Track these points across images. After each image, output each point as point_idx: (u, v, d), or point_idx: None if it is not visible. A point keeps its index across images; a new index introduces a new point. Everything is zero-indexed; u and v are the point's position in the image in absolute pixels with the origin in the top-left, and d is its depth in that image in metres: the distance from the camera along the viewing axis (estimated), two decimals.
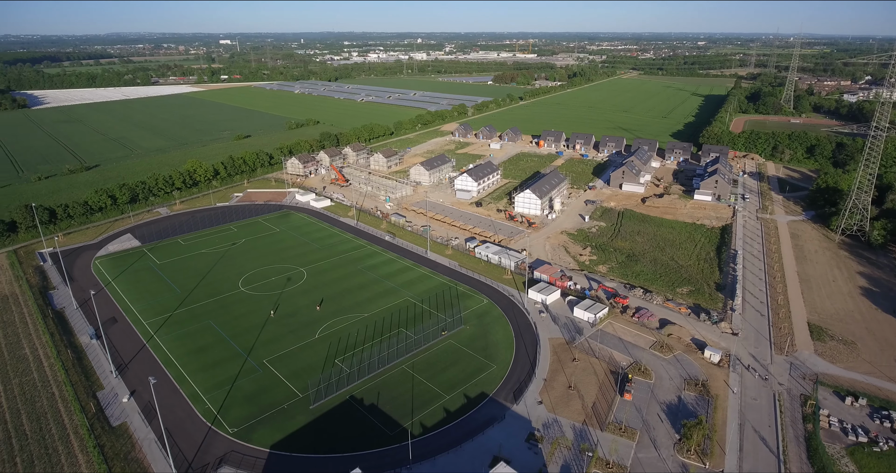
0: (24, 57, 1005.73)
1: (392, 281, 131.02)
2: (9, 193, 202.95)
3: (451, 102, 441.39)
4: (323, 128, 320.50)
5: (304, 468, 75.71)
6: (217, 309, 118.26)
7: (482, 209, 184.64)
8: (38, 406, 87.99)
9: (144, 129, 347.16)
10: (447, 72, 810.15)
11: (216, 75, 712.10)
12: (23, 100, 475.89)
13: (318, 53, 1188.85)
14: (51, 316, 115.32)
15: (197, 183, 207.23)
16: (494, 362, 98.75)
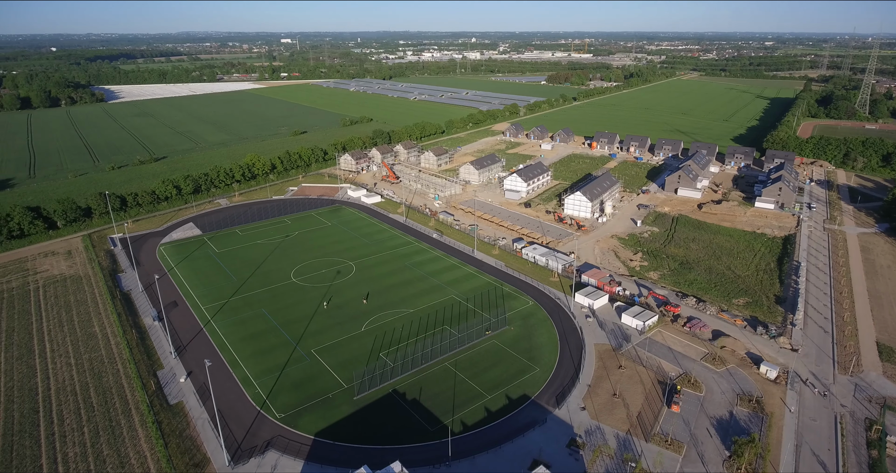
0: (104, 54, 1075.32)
1: (438, 278, 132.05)
2: (86, 181, 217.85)
3: (503, 102, 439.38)
4: (376, 126, 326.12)
5: (347, 456, 77.58)
6: (269, 298, 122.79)
7: (531, 210, 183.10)
8: (105, 381, 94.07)
9: (209, 124, 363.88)
10: (500, 71, 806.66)
11: (276, 73, 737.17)
12: (101, 95, 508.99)
13: (373, 52, 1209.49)
14: (118, 297, 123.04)
15: (255, 176, 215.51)
16: (538, 364, 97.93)
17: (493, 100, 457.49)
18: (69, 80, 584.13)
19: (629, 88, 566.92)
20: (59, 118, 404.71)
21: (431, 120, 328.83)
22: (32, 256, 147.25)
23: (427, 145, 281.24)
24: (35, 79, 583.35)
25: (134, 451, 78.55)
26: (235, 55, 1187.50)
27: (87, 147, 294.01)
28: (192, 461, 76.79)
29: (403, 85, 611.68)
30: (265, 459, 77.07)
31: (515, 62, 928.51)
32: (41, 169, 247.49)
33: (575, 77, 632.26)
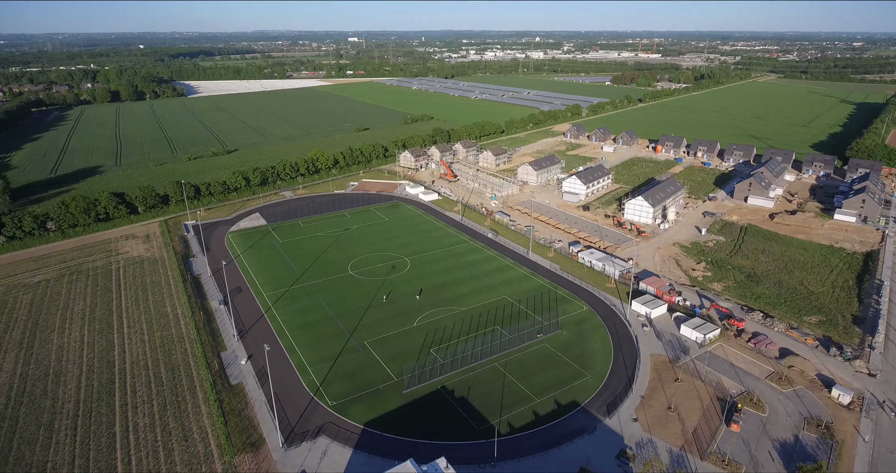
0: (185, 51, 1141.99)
1: (491, 278, 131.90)
2: (165, 171, 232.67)
3: (564, 102, 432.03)
4: (436, 124, 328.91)
5: (394, 448, 79.10)
6: (327, 288, 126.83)
7: (589, 213, 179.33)
8: (174, 359, 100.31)
9: (277, 119, 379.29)
10: (563, 71, 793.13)
11: (343, 70, 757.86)
12: (181, 90, 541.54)
13: (436, 51, 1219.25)
14: (189, 280, 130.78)
15: (318, 170, 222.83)
16: (589, 371, 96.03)
17: (555, 101, 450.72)
18: (154, 76, 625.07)
19: (699, 90, 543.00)
20: (143, 111, 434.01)
21: (491, 119, 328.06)
22: (115, 238, 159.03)
23: (486, 144, 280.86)
24: (124, 75, 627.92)
25: (197, 426, 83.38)
26: (305, 53, 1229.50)
27: (167, 138, 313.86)
28: (249, 440, 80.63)
29: (465, 84, 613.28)
30: (316, 444, 79.82)
31: (579, 62, 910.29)
32: (126, 157, 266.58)
33: (641, 78, 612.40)
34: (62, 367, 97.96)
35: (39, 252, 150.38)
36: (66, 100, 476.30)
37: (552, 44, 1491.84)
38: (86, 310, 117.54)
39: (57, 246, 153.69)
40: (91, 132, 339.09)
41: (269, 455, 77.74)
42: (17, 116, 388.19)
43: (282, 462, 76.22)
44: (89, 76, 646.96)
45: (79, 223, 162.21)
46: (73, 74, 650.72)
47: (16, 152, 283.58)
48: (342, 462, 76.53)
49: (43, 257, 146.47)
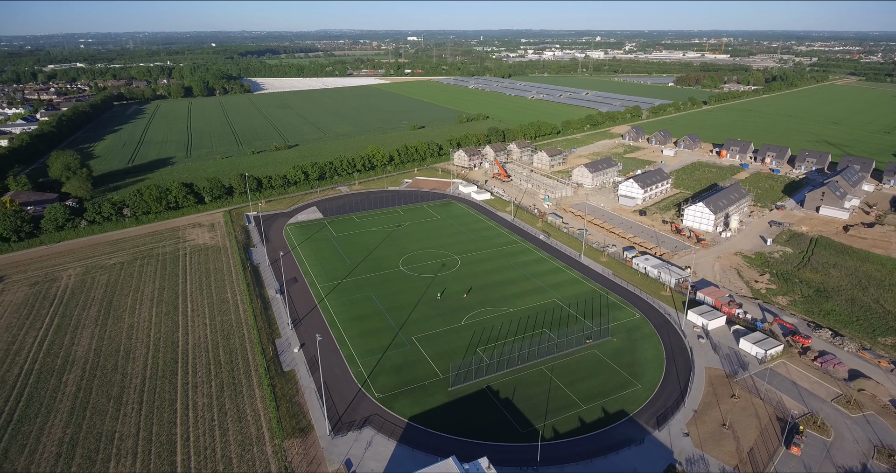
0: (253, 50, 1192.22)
1: (541, 280, 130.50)
2: (230, 163, 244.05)
3: (624, 104, 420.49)
4: (491, 124, 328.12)
5: (437, 444, 79.77)
6: (378, 283, 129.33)
7: (646, 218, 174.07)
8: (232, 343, 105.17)
9: (337, 116, 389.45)
10: (624, 71, 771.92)
11: (401, 69, 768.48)
12: (248, 86, 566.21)
13: (494, 50, 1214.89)
14: (249, 269, 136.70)
15: (374, 167, 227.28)
16: (640, 381, 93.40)
17: (614, 102, 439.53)
18: (223, 73, 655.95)
19: (770, 93, 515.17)
20: (213, 106, 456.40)
21: (547, 119, 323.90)
22: (183, 226, 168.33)
23: (541, 145, 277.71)
24: (197, 72, 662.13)
25: (250, 409, 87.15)
26: (365, 52, 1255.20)
27: (233, 133, 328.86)
28: (298, 425, 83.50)
29: (522, 83, 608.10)
30: (362, 434, 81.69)
31: (641, 62, 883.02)
32: (196, 150, 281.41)
33: (707, 79, 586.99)
34: (132, 345, 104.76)
35: (116, 236, 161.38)
36: (145, 94, 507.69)
37: (613, 43, 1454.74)
38: (154, 293, 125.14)
39: (131, 232, 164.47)
40: (165, 125, 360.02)
41: (316, 441, 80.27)
42: (101, 109, 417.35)
43: (328, 450, 78.51)
44: (166, 72, 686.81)
45: (151, 210, 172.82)
46: (152, 71, 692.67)
47: (98, 142, 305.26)
48: (386, 454, 77.98)
49: (119, 241, 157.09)
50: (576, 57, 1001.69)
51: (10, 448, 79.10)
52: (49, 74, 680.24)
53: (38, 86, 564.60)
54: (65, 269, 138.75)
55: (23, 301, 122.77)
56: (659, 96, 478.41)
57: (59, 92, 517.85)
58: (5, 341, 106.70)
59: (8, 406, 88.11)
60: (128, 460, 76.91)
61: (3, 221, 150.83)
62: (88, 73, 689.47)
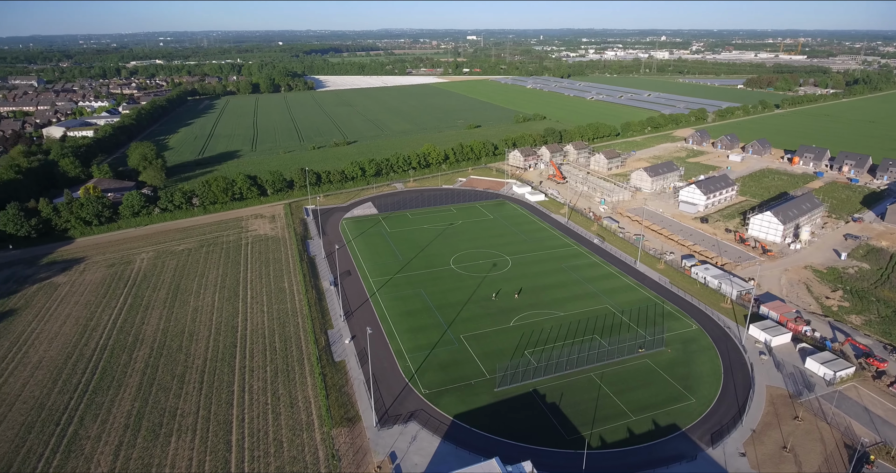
0: (317, 48, 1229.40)
1: (594, 285, 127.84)
2: (292, 158, 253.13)
3: (688, 106, 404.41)
4: (548, 124, 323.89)
5: (480, 444, 79.77)
6: (429, 280, 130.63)
7: (707, 226, 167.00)
8: (287, 331, 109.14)
9: (395, 113, 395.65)
10: (690, 72, 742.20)
11: (459, 68, 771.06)
12: (311, 84, 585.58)
13: (554, 50, 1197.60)
14: (305, 260, 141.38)
15: (429, 165, 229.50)
16: (694, 395, 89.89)
17: (678, 104, 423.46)
18: (289, 70, 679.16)
19: (850, 97, 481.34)
20: (278, 102, 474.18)
21: (606, 121, 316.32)
22: (246, 217, 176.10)
23: (599, 147, 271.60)
24: (264, 69, 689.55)
25: (302, 395, 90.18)
26: (425, 51, 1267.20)
27: (296, 128, 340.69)
28: (346, 415, 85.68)
29: (581, 83, 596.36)
30: (407, 428, 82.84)
31: (709, 63, 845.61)
32: (261, 144, 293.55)
33: (781, 81, 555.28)
34: (195, 327, 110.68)
35: (185, 223, 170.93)
36: (216, 90, 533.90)
37: (679, 43, 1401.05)
38: (218, 279, 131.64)
39: (199, 220, 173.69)
40: (233, 120, 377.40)
41: (363, 432, 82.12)
42: (176, 103, 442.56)
43: (374, 441, 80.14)
44: (235, 70, 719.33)
45: (218, 200, 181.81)
46: (223, 68, 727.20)
47: (173, 135, 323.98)
48: (430, 449, 78.76)
49: (187, 228, 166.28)
50: (639, 57, 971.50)
51: (86, 416, 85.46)
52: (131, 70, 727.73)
53: (122, 81, 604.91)
54: (138, 253, 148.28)
55: (101, 280, 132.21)
56: (727, 98, 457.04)
57: (139, 87, 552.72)
58: (85, 317, 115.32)
59: (84, 377, 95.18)
60: (188, 436, 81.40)
61: (87, 206, 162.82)
62: (166, 70, 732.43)
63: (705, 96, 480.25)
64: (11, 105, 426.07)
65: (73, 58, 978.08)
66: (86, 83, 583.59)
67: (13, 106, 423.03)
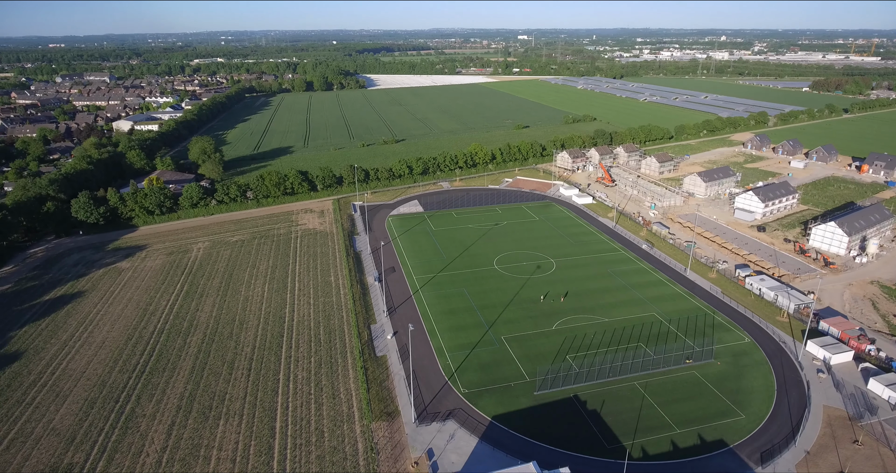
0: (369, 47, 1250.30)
1: (641, 292, 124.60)
2: (342, 155, 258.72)
3: (748, 109, 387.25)
4: (598, 125, 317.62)
5: (518, 447, 79.25)
6: (472, 279, 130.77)
7: (765, 235, 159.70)
8: (331, 323, 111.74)
9: (443, 113, 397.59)
10: (751, 74, 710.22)
11: (509, 68, 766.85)
12: (363, 82, 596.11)
13: (607, 50, 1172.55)
14: (351, 255, 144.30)
15: (476, 164, 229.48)
16: (744, 411, 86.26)
17: (737, 107, 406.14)
18: (341, 69, 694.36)
19: None
20: (330, 100, 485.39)
21: (659, 123, 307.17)
22: (296, 211, 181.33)
23: (650, 150, 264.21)
24: (318, 68, 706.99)
25: (343, 387, 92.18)
26: (475, 50, 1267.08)
27: (346, 126, 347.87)
28: (386, 409, 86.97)
29: (634, 85, 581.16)
30: (445, 426, 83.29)
31: (772, 64, 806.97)
32: (313, 140, 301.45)
33: (850, 84, 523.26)
34: (245, 316, 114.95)
35: (239, 216, 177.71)
36: (272, 88, 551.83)
37: (740, 43, 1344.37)
38: (268, 270, 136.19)
39: (252, 213, 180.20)
40: (287, 117, 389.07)
41: (401, 427, 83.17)
42: (235, 100, 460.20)
43: (412, 436, 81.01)
44: (291, 68, 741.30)
45: (270, 194, 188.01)
46: (279, 66, 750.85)
47: (230, 130, 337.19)
48: (467, 449, 78.94)
49: (241, 220, 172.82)
50: (696, 58, 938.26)
51: (142, 396, 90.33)
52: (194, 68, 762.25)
53: (185, 78, 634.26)
54: (195, 242, 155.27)
55: (160, 267, 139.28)
56: (790, 102, 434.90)
57: (201, 84, 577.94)
58: (145, 301, 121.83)
59: (142, 358, 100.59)
60: (235, 420, 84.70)
61: (150, 196, 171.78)
62: (226, 68, 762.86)
63: (767, 99, 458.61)
64: (86, 99, 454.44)
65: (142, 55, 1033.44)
66: (153, 80, 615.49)
67: (87, 100, 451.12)
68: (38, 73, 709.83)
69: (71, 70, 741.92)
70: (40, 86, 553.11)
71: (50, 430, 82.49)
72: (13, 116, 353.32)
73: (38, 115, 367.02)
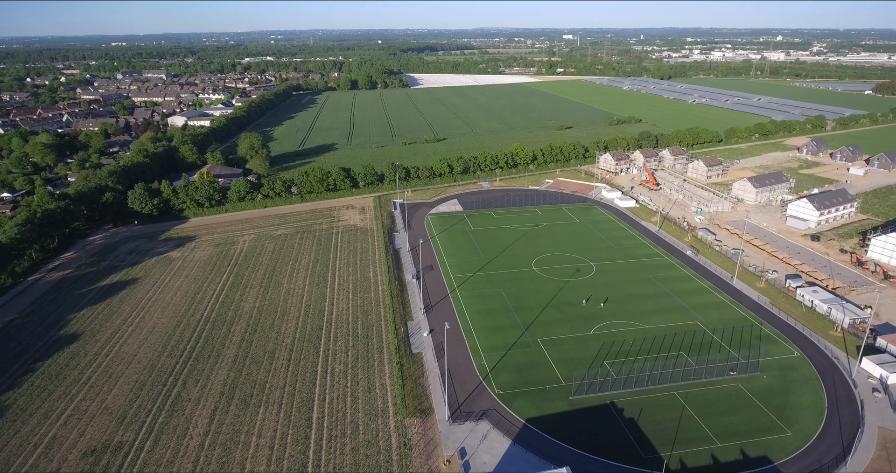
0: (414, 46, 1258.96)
1: (684, 299, 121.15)
2: (384, 152, 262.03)
3: (804, 112, 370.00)
4: (643, 127, 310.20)
5: (551, 451, 78.49)
6: (509, 280, 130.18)
7: (819, 244, 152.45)
8: (369, 319, 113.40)
9: (485, 112, 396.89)
10: (809, 76, 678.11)
11: (553, 68, 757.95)
12: (406, 81, 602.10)
13: (655, 50, 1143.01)
14: (391, 252, 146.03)
15: (516, 165, 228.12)
16: (790, 428, 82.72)
17: (792, 110, 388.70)
18: (386, 68, 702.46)
19: None
20: (374, 98, 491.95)
21: (708, 126, 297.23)
22: (338, 207, 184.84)
23: (698, 153, 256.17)
24: (363, 67, 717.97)
25: (379, 382, 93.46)
26: (519, 50, 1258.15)
27: (389, 124, 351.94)
28: (420, 406, 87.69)
29: (683, 86, 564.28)
30: (478, 426, 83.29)
31: (832, 65, 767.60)
32: (356, 138, 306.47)
33: None
34: (287, 308, 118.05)
35: (283, 210, 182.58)
36: (318, 86, 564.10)
37: (797, 43, 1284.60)
38: (309, 264, 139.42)
39: (296, 208, 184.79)
40: (332, 115, 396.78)
41: (435, 424, 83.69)
42: (282, 98, 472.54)
43: (445, 435, 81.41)
44: (337, 66, 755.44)
45: (314, 190, 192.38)
46: (325, 65, 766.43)
47: (277, 127, 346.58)
48: (500, 450, 78.73)
49: (285, 215, 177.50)
50: (749, 58, 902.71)
51: (188, 380, 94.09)
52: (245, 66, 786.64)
53: (236, 76, 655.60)
54: (241, 235, 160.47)
55: (208, 258, 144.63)
56: (851, 105, 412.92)
57: (251, 82, 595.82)
58: (193, 290, 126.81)
59: (189, 344, 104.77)
60: (274, 409, 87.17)
61: (201, 189, 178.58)
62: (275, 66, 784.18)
63: (825, 102, 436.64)
64: (144, 95, 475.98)
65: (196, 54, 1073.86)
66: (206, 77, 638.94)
67: (145, 96, 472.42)
68: (101, 71, 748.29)
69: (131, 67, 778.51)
70: (103, 83, 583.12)
71: (103, 409, 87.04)
72: (78, 111, 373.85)
73: (99, 110, 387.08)
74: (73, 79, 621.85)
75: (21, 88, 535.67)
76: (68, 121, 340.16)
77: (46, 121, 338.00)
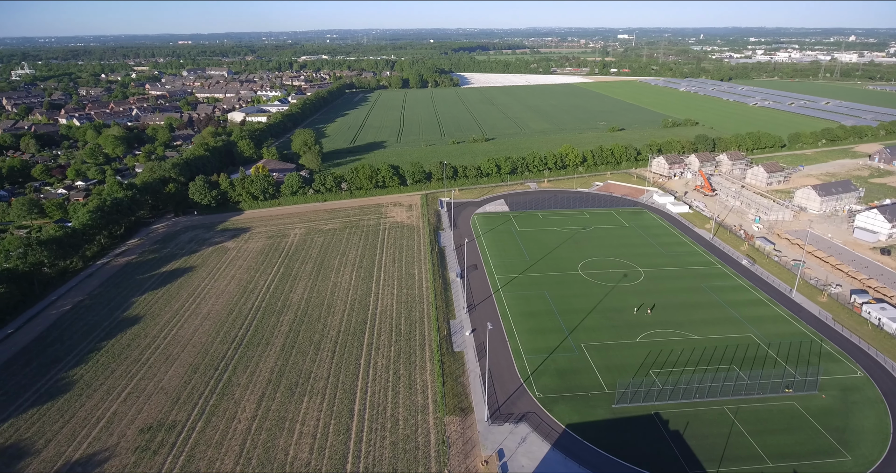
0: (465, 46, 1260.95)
1: (737, 311, 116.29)
2: (432, 151, 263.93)
3: (877, 117, 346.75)
4: (700, 131, 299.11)
5: (591, 458, 77.10)
6: (554, 283, 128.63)
7: (889, 259, 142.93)
8: (413, 315, 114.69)
9: (535, 112, 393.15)
10: (884, 78, 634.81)
11: (606, 68, 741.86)
12: (456, 80, 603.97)
13: (715, 50, 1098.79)
14: (436, 250, 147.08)
15: (565, 166, 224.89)
16: (850, 452, 78.09)
17: (864, 115, 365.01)
18: (437, 67, 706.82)
19: None
20: (424, 97, 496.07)
21: (771, 130, 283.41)
22: (386, 203, 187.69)
23: (759, 159, 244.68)
24: (414, 65, 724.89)
25: (420, 379, 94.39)
26: (572, 49, 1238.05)
27: (438, 123, 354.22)
28: (460, 405, 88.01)
29: (744, 88, 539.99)
30: (517, 429, 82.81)
31: None
32: (405, 136, 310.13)
33: None
34: (333, 301, 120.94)
35: (333, 205, 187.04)
36: (370, 84, 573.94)
37: (872, 44, 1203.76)
38: (356, 259, 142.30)
39: (345, 203, 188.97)
40: (383, 113, 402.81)
41: (474, 423, 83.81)
42: (336, 95, 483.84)
43: (483, 435, 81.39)
44: (389, 65, 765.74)
45: (363, 187, 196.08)
46: (378, 63, 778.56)
47: (330, 124, 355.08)
48: (538, 454, 78.04)
49: (335, 210, 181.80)
50: (818, 59, 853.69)
51: (238, 366, 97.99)
52: (301, 64, 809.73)
53: (293, 74, 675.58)
54: (292, 228, 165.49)
55: (261, 249, 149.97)
56: None
57: (306, 79, 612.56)
58: (245, 280, 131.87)
59: (240, 332, 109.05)
60: (317, 399, 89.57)
61: (256, 183, 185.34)
62: (330, 64, 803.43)
63: None
64: (206, 92, 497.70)
65: (256, 52, 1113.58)
66: (264, 75, 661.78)
67: (208, 92, 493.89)
68: (168, 68, 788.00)
69: (195, 65, 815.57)
70: (169, 79, 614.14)
71: (159, 389, 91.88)
72: (146, 106, 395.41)
73: (165, 105, 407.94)
74: (143, 75, 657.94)
75: (96, 84, 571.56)
76: (137, 116, 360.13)
77: (118, 114, 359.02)
